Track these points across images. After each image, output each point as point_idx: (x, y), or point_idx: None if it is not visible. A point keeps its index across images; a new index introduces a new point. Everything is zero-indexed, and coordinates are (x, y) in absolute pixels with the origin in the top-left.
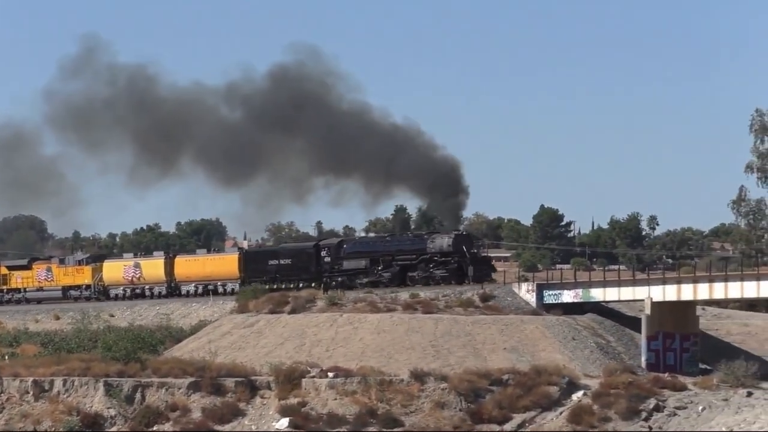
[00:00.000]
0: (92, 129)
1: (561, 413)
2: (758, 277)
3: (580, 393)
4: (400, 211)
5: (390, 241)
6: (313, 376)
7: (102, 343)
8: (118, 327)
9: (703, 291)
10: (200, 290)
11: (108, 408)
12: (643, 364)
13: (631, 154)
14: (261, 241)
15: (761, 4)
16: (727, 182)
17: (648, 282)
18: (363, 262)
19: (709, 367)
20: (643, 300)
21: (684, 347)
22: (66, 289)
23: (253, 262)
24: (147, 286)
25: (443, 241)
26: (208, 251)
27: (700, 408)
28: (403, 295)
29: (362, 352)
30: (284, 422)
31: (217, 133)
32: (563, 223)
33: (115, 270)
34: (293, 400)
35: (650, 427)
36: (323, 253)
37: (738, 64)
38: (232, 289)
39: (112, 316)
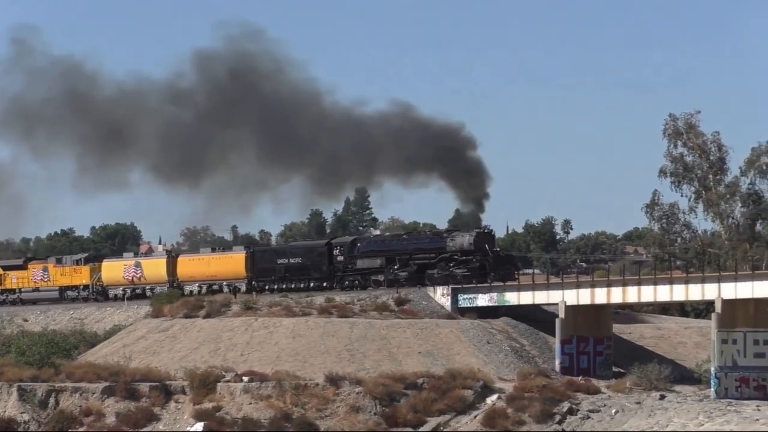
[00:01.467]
0: (32, 129)
1: (475, 417)
2: (671, 281)
3: (494, 396)
4: (316, 215)
5: (407, 239)
6: (228, 381)
7: (15, 348)
8: (32, 331)
9: (616, 295)
10: (204, 290)
11: (21, 413)
12: (557, 367)
13: (545, 158)
14: (176, 245)
15: (662, 5)
16: (640, 187)
17: (562, 286)
18: (378, 261)
19: (622, 371)
20: (557, 304)
21: (597, 351)
22: (63, 290)
23: (261, 262)
24: (148, 286)
25: (464, 240)
26: (213, 250)
27: (614, 411)
28: (319, 299)
29: (277, 357)
30: (199, 426)
31: (159, 131)
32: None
33: (114, 270)
34: (208, 405)
35: (564, 430)
36: (336, 252)
37: (650, 68)
38: (238, 289)
39: (26, 320)
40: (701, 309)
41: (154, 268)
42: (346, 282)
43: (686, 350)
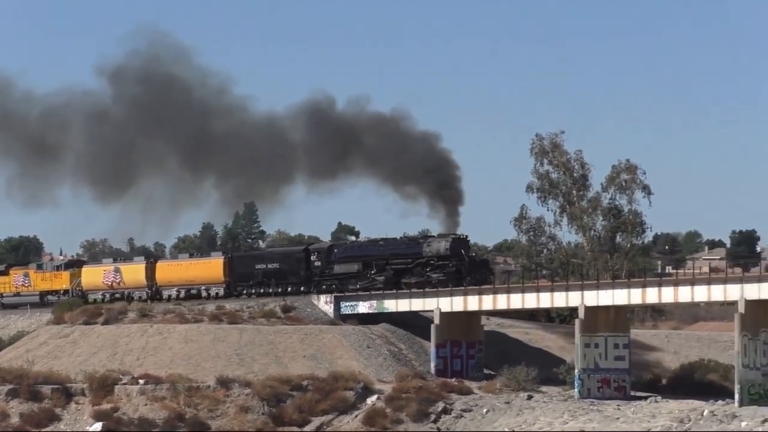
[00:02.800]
0: None
1: (356, 416)
2: (538, 289)
3: (374, 397)
4: (207, 228)
5: (383, 245)
6: (125, 383)
7: None
8: None
9: (487, 302)
10: (183, 294)
11: None
12: (433, 370)
13: None
14: (76, 256)
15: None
16: (509, 201)
17: (437, 294)
18: (355, 266)
19: (493, 372)
20: (432, 310)
21: (470, 354)
22: (44, 295)
23: (240, 267)
24: (127, 291)
25: (440, 245)
26: (191, 255)
27: (485, 410)
28: (210, 306)
29: (171, 361)
30: (98, 426)
31: (83, 146)
32: (356, 239)
33: (94, 275)
34: (106, 406)
35: (438, 429)
36: (313, 257)
37: (520, 89)
38: (217, 294)
39: None
40: (566, 315)
41: (133, 273)
42: (323, 287)
43: (552, 353)
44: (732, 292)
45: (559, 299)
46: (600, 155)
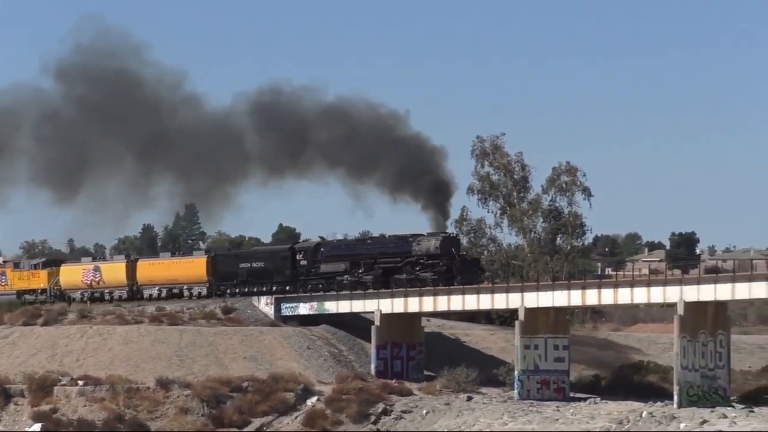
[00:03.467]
0: None
1: (297, 417)
2: (478, 291)
3: (314, 398)
4: (148, 230)
5: (371, 243)
6: (65, 385)
7: None
8: None
9: (428, 303)
10: (164, 294)
11: None
12: (373, 371)
13: None
14: (16, 257)
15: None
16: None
17: (378, 295)
18: (342, 265)
19: (433, 374)
20: (373, 312)
21: (410, 356)
22: (21, 294)
23: (223, 266)
24: (107, 290)
25: (430, 244)
26: (173, 254)
27: (425, 412)
28: (150, 308)
29: (111, 362)
30: (37, 427)
31: (35, 144)
32: (299, 240)
33: (73, 274)
34: (45, 407)
35: (378, 430)
36: (299, 256)
37: (461, 90)
38: (199, 293)
39: None
40: (506, 317)
41: (114, 272)
42: (310, 286)
43: (492, 355)
44: (671, 294)
45: (499, 301)
46: (540, 157)
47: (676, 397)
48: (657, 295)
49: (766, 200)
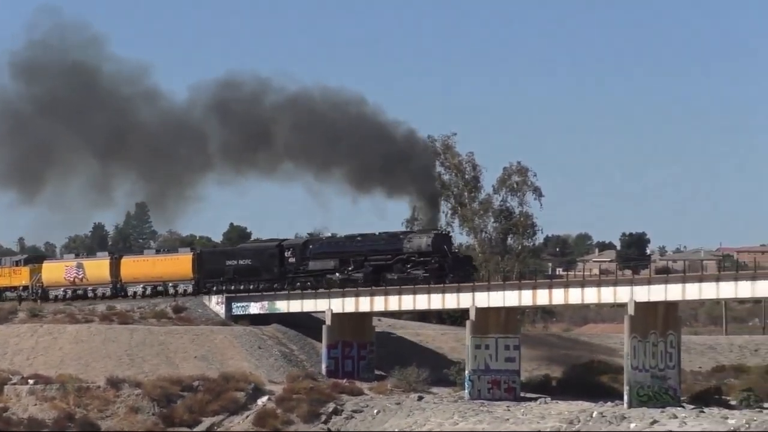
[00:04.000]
0: None
1: (247, 417)
2: (429, 291)
3: (265, 398)
4: (98, 228)
5: (361, 241)
6: (15, 383)
7: None
8: None
9: (379, 303)
10: (149, 291)
11: None
12: (324, 370)
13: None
14: None
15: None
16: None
17: (329, 295)
18: (332, 263)
19: (384, 373)
20: (324, 311)
21: (361, 355)
22: (2, 291)
23: (209, 263)
24: (90, 288)
25: (422, 241)
26: (158, 251)
27: (375, 411)
28: (100, 307)
29: (61, 361)
30: None
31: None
32: (251, 240)
33: (55, 271)
34: None
35: (329, 429)
36: (287, 254)
37: (413, 91)
38: (185, 290)
39: None
40: (457, 316)
41: (97, 269)
42: (298, 283)
43: (443, 354)
44: (622, 294)
45: (450, 301)
46: (491, 157)
47: (626, 398)
48: (607, 295)
49: (716, 201)
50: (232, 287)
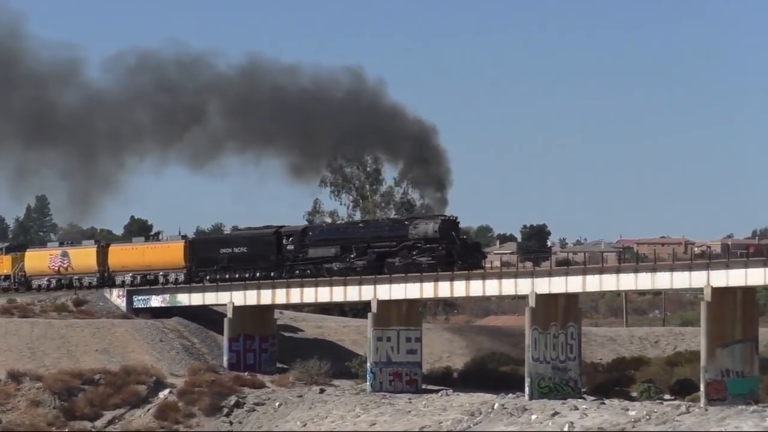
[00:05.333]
0: None
1: (149, 410)
2: (331, 283)
3: (166, 391)
4: None
5: (364, 227)
6: None
7: None
8: None
9: (280, 296)
10: (138, 280)
11: None
12: (225, 363)
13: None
14: None
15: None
16: (304, 195)
17: (230, 287)
18: (332, 250)
19: (286, 366)
20: (225, 304)
21: (263, 348)
22: None
23: (202, 251)
24: (75, 277)
25: (428, 227)
26: (147, 239)
27: (277, 404)
28: (1, 300)
29: None
30: None
31: None
32: (151, 233)
33: (38, 259)
34: None
35: (231, 422)
36: (285, 241)
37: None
38: (176, 279)
39: None
40: (359, 309)
41: (83, 257)
42: (297, 272)
43: (345, 347)
44: (523, 286)
45: (352, 293)
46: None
47: (527, 389)
48: (509, 287)
49: (616, 194)
50: (227, 276)
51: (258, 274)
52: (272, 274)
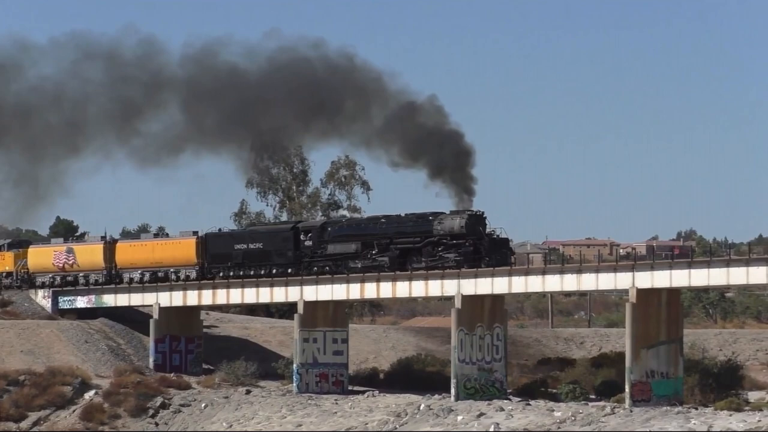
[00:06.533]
0: None
1: (74, 411)
2: (257, 284)
3: (92, 392)
4: None
5: (386, 223)
6: None
7: None
8: None
9: (207, 297)
10: (147, 277)
11: None
12: (151, 364)
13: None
14: None
15: None
16: (231, 197)
17: (156, 288)
18: (353, 246)
19: (212, 367)
20: (151, 305)
21: (189, 349)
22: None
23: (215, 247)
24: (81, 274)
25: (454, 222)
26: (156, 235)
27: (203, 405)
28: None
29: None
30: None
31: None
32: (77, 234)
33: (42, 256)
34: None
35: (157, 424)
36: (303, 237)
37: None
38: (187, 276)
39: None
40: (285, 310)
41: (89, 254)
42: (315, 268)
43: (271, 348)
44: (449, 287)
45: (278, 294)
46: (320, 151)
47: (453, 390)
48: (435, 288)
49: (542, 196)
50: (241, 272)
51: (275, 271)
52: (289, 270)
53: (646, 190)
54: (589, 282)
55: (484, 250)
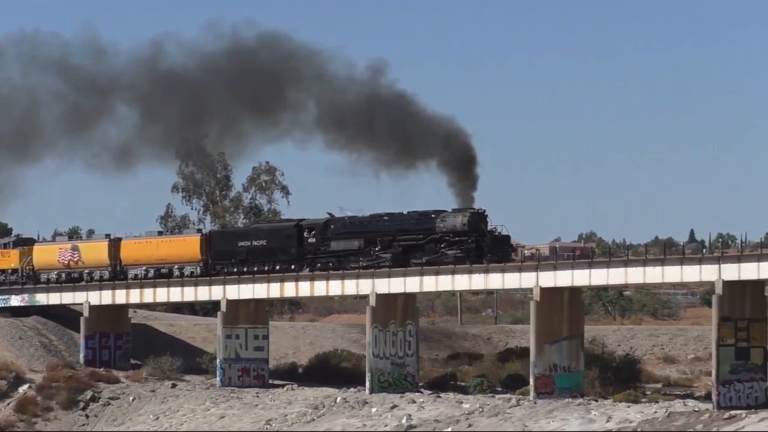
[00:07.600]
0: None
1: (9, 404)
2: (182, 284)
3: (25, 386)
4: None
5: (389, 220)
6: None
7: None
8: None
9: (134, 296)
10: (152, 274)
11: None
12: (82, 360)
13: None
14: None
15: None
16: (156, 200)
17: (86, 287)
18: (356, 243)
19: (140, 362)
20: (82, 304)
21: (118, 345)
22: None
23: (219, 244)
24: (86, 271)
25: (456, 220)
26: (161, 233)
27: (131, 398)
28: None
29: None
30: None
31: None
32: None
33: (47, 253)
34: None
35: (87, 416)
36: (306, 234)
37: None
38: (192, 273)
39: None
40: (209, 308)
41: (94, 251)
42: (318, 265)
43: (196, 344)
44: (364, 286)
45: (202, 293)
46: (243, 157)
47: (368, 384)
48: (351, 287)
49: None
50: (245, 269)
51: (278, 267)
52: (293, 267)
53: (549, 194)
54: (496, 281)
55: (486, 246)
